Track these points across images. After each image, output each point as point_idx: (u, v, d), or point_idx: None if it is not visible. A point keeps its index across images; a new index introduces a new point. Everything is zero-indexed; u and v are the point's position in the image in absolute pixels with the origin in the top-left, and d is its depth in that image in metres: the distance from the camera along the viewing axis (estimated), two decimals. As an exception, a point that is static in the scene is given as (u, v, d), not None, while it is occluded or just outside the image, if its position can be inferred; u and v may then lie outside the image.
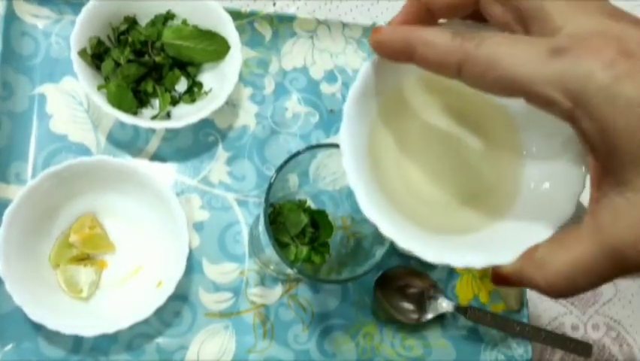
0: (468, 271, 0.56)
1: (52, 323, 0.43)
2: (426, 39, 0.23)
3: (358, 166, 0.27)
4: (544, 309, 0.60)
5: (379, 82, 0.28)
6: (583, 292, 0.24)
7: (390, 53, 0.25)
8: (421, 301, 0.53)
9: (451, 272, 0.56)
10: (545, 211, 0.27)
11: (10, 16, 0.50)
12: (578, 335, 0.60)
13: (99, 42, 0.49)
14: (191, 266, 0.50)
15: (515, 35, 0.22)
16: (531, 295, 0.59)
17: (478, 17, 0.26)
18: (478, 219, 0.29)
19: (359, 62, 0.59)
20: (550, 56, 0.20)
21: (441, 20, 0.26)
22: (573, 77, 0.20)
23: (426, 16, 0.26)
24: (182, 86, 0.53)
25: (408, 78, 0.29)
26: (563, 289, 0.23)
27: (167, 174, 0.52)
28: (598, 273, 0.22)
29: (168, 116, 0.51)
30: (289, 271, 0.40)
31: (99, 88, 0.48)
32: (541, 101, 0.21)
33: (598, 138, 0.21)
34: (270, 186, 0.39)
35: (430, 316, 0.53)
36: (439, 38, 0.23)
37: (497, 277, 0.26)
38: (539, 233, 0.26)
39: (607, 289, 0.62)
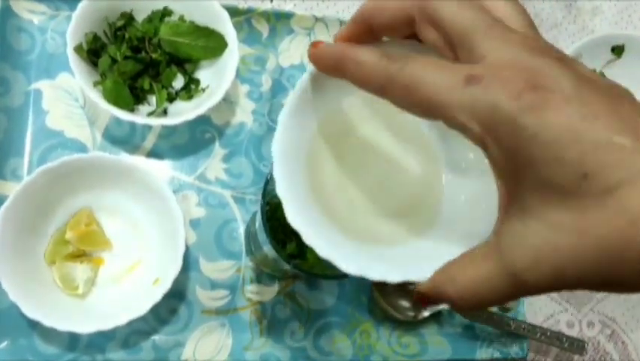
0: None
1: (47, 320, 0.42)
2: (356, 58, 0.24)
3: (290, 175, 0.27)
4: (539, 307, 0.60)
5: (320, 94, 0.28)
6: (490, 306, 0.25)
7: (325, 67, 0.26)
8: (418, 299, 0.53)
9: (447, 270, 0.56)
10: (466, 229, 0.28)
11: (6, 11, 0.50)
12: (573, 332, 0.60)
13: (95, 38, 0.49)
14: (188, 263, 0.50)
15: (438, 60, 0.23)
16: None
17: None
18: (406, 233, 0.30)
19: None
20: (466, 83, 0.21)
21: (385, 38, 0.27)
22: (482, 105, 0.20)
23: (369, 34, 0.27)
24: (178, 82, 0.52)
25: (349, 93, 0.30)
26: (471, 304, 0.24)
27: (163, 170, 0.52)
28: (500, 292, 0.23)
29: (165, 112, 0.51)
30: (286, 268, 0.40)
31: (95, 84, 0.48)
32: (456, 125, 0.22)
33: (504, 165, 0.21)
34: (267, 182, 0.39)
35: (426, 313, 0.53)
36: (367, 57, 0.24)
37: (417, 295, 0.26)
38: (458, 250, 0.25)
39: (602, 287, 0.63)
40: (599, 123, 0.19)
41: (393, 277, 0.27)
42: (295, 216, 0.26)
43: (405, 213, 0.31)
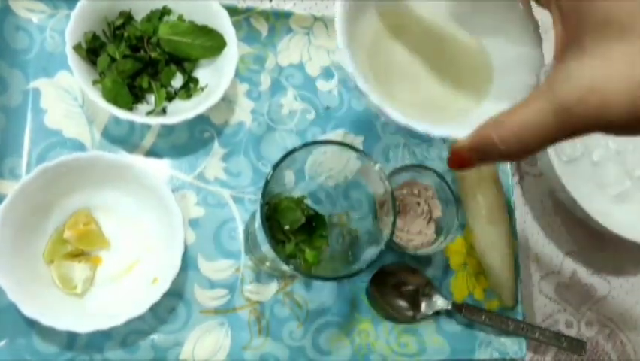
0: (463, 268, 0.56)
1: (46, 319, 0.42)
2: None
3: (354, 58, 0.33)
4: (538, 307, 0.60)
5: None
6: (532, 152, 0.26)
7: None
8: (416, 299, 0.53)
9: (446, 270, 0.56)
10: (512, 96, 0.32)
11: (5, 10, 0.50)
12: (571, 332, 0.61)
13: (94, 37, 0.49)
14: (187, 263, 0.50)
15: None
16: (526, 292, 0.60)
17: None
18: (465, 100, 0.36)
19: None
20: None
21: None
22: None
23: None
24: (177, 81, 0.52)
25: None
26: (513, 147, 0.26)
27: (162, 170, 0.52)
28: (545, 129, 0.25)
29: (164, 112, 0.51)
30: (285, 267, 0.40)
31: (94, 83, 0.48)
32: None
33: (571, 7, 0.25)
34: (267, 182, 0.39)
35: (425, 313, 0.53)
36: None
37: (454, 151, 0.29)
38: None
39: (601, 288, 0.63)
40: None
41: (461, 133, 0.30)
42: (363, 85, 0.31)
43: (464, 82, 0.37)
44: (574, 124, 0.24)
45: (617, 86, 0.23)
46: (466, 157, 0.28)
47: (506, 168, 0.59)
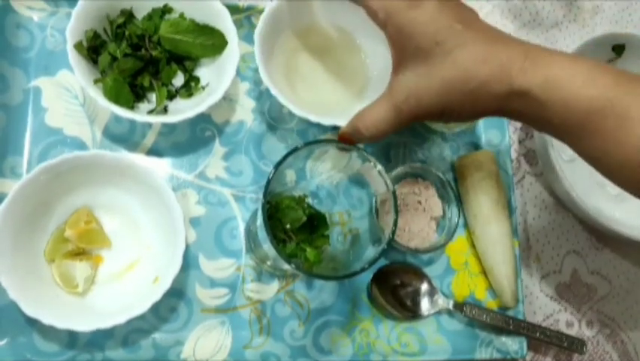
0: (464, 267, 0.56)
1: (47, 318, 0.42)
2: None
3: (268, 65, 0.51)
4: (539, 306, 0.60)
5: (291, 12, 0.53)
6: (385, 135, 0.39)
7: None
8: (417, 298, 0.53)
9: (447, 269, 0.56)
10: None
11: (6, 8, 0.50)
12: (572, 331, 0.61)
13: (95, 35, 0.49)
14: (188, 262, 0.50)
15: None
16: (527, 292, 0.60)
17: None
18: (349, 99, 0.54)
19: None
20: None
21: None
22: (388, 5, 0.37)
23: None
24: (179, 80, 0.52)
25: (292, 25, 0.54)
26: (372, 132, 0.39)
27: (163, 168, 0.51)
28: (389, 120, 0.38)
29: (165, 110, 0.51)
30: (286, 266, 0.40)
31: (95, 82, 0.48)
32: (370, 13, 0.38)
33: (395, 39, 0.38)
34: (269, 181, 0.39)
35: (425, 312, 0.53)
36: None
37: (340, 135, 0.41)
38: None
39: (601, 287, 0.63)
40: (446, 16, 0.36)
41: (343, 122, 0.42)
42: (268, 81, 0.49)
43: (348, 87, 0.55)
44: (405, 116, 0.38)
45: (426, 90, 0.36)
46: (347, 138, 0.40)
47: (507, 168, 0.59)
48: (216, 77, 0.51)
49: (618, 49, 0.61)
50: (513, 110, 0.36)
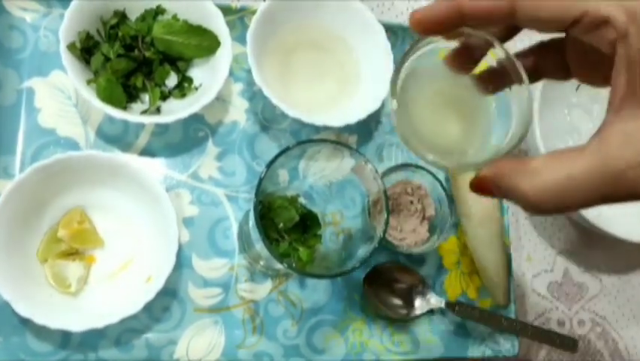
0: (456, 267, 0.57)
1: (40, 318, 0.42)
2: None
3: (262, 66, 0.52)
4: (531, 305, 0.61)
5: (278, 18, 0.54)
6: (563, 212, 0.25)
7: (435, 24, 0.26)
8: (410, 297, 0.54)
9: (439, 268, 0.56)
10: (375, 97, 0.54)
11: (-2, 9, 0.50)
12: (564, 330, 0.61)
13: (88, 36, 0.49)
14: (181, 261, 0.50)
15: None
16: (518, 291, 0.60)
17: (508, 34, 0.27)
18: (337, 97, 0.56)
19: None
20: None
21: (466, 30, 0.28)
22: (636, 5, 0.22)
23: (455, 19, 0.26)
24: (172, 81, 0.52)
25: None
26: (548, 202, 0.23)
27: (156, 169, 0.52)
28: (591, 189, 0.22)
29: (158, 111, 0.51)
30: (279, 266, 0.40)
31: (88, 82, 0.48)
32: (597, 18, 0.23)
33: (638, 56, 0.22)
34: (261, 181, 0.39)
35: (418, 311, 0.53)
36: None
37: (478, 181, 0.26)
38: (374, 105, 0.54)
39: (592, 286, 0.63)
40: None
41: (335, 122, 0.50)
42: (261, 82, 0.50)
43: (340, 86, 0.56)
44: (625, 190, 0.22)
45: None
46: (487, 188, 0.26)
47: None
48: (209, 77, 0.52)
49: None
50: None
